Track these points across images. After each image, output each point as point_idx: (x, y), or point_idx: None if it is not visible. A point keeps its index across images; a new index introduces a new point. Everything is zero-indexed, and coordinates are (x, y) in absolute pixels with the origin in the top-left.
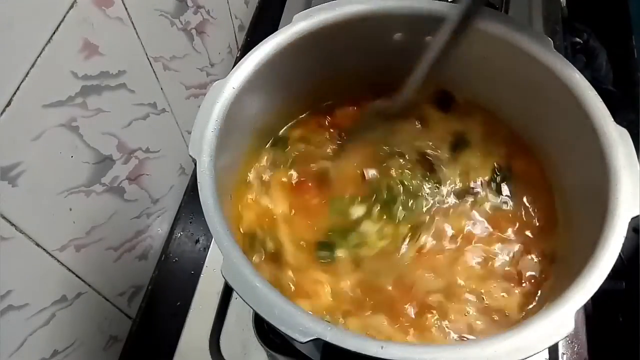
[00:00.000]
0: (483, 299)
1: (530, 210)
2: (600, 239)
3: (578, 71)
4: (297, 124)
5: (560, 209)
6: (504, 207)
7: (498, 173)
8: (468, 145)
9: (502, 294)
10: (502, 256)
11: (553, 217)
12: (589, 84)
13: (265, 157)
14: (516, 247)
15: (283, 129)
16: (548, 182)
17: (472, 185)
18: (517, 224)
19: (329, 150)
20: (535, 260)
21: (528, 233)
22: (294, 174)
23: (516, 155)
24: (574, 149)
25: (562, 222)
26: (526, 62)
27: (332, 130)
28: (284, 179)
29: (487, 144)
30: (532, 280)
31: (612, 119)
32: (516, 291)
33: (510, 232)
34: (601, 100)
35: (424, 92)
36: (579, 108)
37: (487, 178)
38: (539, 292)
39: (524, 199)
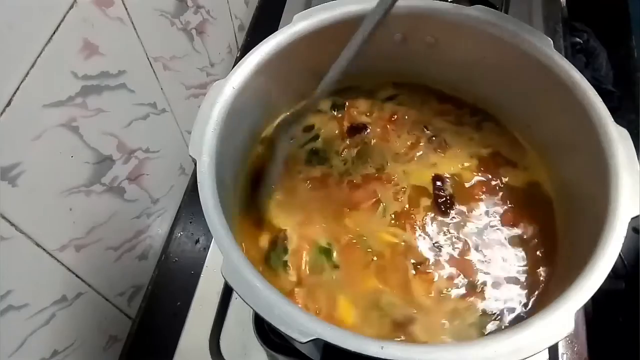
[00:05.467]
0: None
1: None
2: (600, 239)
3: (578, 71)
4: None
5: (560, 209)
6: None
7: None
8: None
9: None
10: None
11: (553, 217)
12: (589, 84)
13: None
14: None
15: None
16: (548, 181)
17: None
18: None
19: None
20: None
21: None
22: None
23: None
24: (574, 149)
25: (562, 222)
26: (526, 62)
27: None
28: None
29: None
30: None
31: (612, 119)
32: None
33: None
34: (601, 100)
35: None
36: (579, 108)
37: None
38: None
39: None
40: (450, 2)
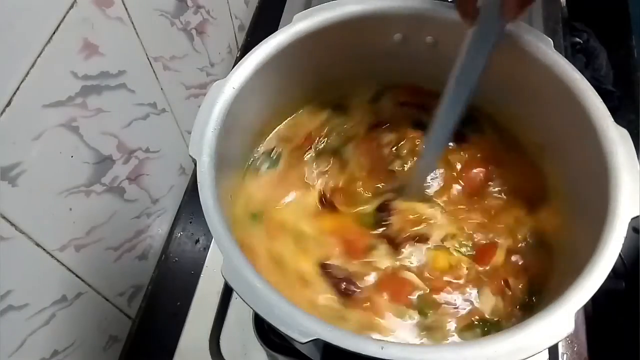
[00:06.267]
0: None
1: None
2: (600, 239)
3: (578, 71)
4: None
5: (559, 209)
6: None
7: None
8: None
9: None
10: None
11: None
12: (589, 84)
13: None
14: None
15: None
16: (547, 182)
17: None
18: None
19: None
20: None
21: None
22: None
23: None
24: (573, 149)
25: (561, 222)
26: (526, 62)
27: None
28: None
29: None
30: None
31: (612, 119)
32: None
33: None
34: (601, 100)
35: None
36: (579, 108)
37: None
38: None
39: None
40: (451, 2)
